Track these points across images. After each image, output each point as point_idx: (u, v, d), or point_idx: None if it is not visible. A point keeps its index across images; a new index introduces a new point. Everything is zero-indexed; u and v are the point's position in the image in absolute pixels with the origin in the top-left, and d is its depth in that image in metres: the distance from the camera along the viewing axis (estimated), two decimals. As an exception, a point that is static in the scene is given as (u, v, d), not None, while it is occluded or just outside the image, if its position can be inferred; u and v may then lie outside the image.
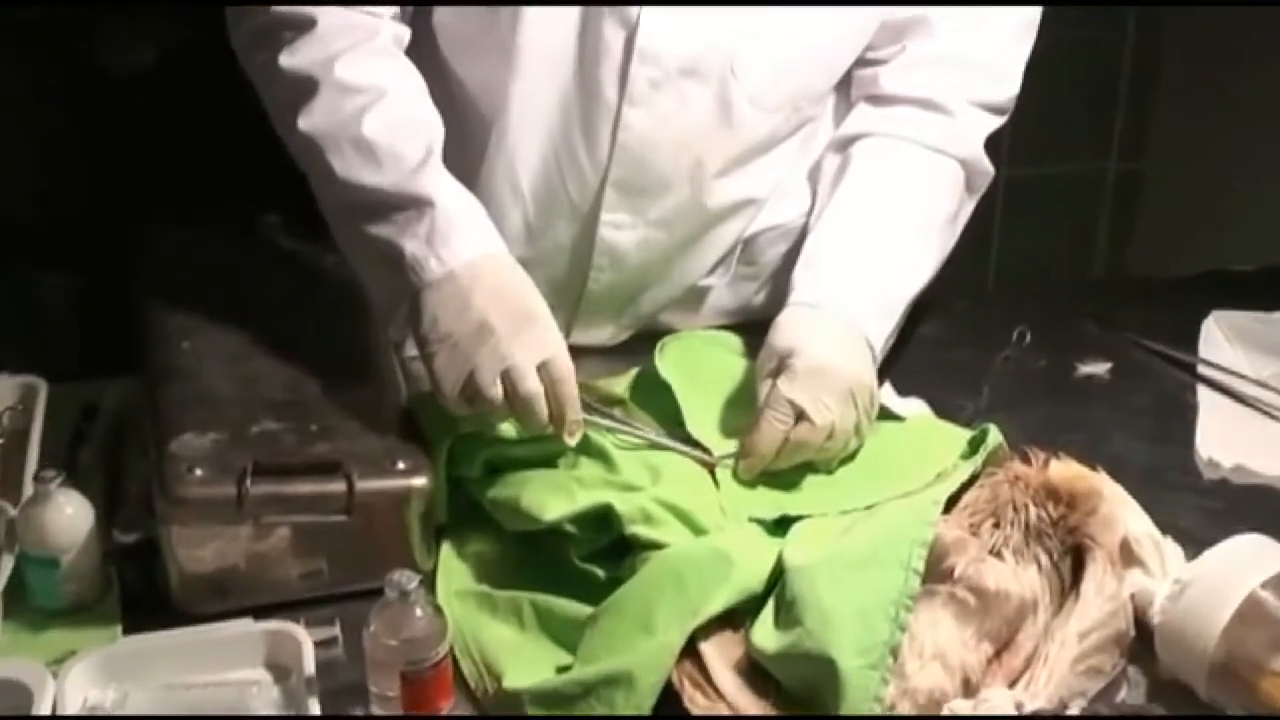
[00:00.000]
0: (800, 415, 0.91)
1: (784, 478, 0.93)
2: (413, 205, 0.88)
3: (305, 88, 0.90)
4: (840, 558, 0.82)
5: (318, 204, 0.94)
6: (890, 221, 1.01)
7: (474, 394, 0.87)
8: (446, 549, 0.92)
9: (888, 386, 1.05)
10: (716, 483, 0.93)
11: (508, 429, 0.91)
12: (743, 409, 0.95)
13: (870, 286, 0.98)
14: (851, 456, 0.95)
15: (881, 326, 0.99)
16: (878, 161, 1.02)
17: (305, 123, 0.90)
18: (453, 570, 0.90)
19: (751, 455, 0.92)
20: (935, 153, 1.01)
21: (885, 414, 0.99)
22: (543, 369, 0.87)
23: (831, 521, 0.89)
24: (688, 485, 0.91)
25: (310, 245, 0.99)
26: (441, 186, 0.90)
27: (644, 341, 1.07)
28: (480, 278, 0.87)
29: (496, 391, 0.86)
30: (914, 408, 1.03)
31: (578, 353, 0.93)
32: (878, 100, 1.02)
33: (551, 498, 0.88)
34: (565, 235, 1.02)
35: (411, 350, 0.93)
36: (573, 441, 0.90)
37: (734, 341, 1.05)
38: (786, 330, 0.95)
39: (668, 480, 0.91)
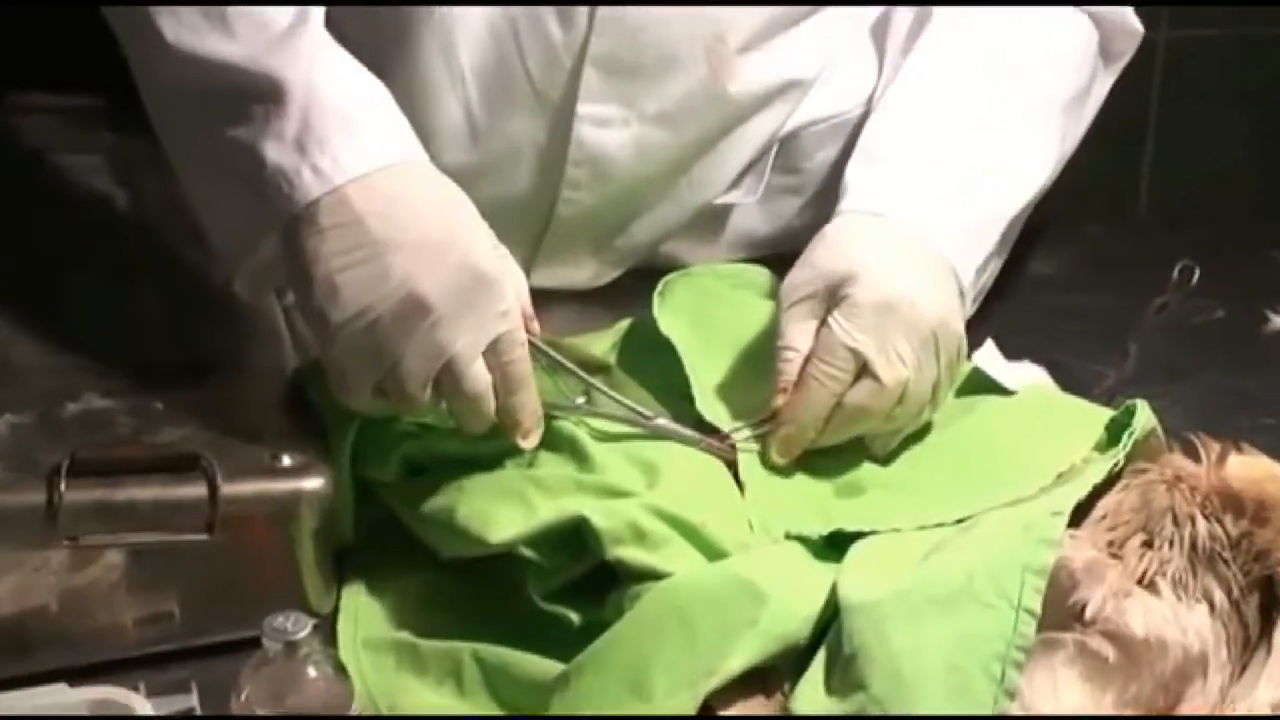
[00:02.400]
0: (863, 369, 0.91)
1: (838, 475, 0.94)
2: (277, 91, 0.87)
3: None
4: (921, 593, 0.81)
5: (141, 96, 0.93)
6: (986, 101, 1.00)
7: (394, 393, 0.86)
8: (353, 582, 0.92)
9: (989, 346, 1.04)
10: (740, 484, 0.93)
11: (439, 416, 0.91)
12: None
13: (957, 194, 0.98)
14: (939, 447, 0.95)
15: (972, 252, 0.98)
16: (970, 16, 1.01)
17: None
18: (362, 612, 0.91)
19: (789, 424, 0.92)
20: (1054, 3, 1.02)
21: (986, 384, 1.00)
22: (492, 348, 0.87)
23: (907, 540, 0.89)
24: (697, 488, 0.91)
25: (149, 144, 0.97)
26: (322, 64, 0.88)
27: (637, 282, 1.07)
28: (389, 205, 0.86)
29: (426, 394, 0.86)
30: (1027, 376, 1.03)
31: (543, 299, 0.93)
32: None
33: (501, 509, 0.88)
34: (525, 135, 1.02)
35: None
36: (529, 444, 0.90)
37: (764, 280, 1.06)
38: (840, 247, 0.94)
39: (669, 481, 0.90)
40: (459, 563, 0.90)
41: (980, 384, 0.99)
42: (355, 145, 0.86)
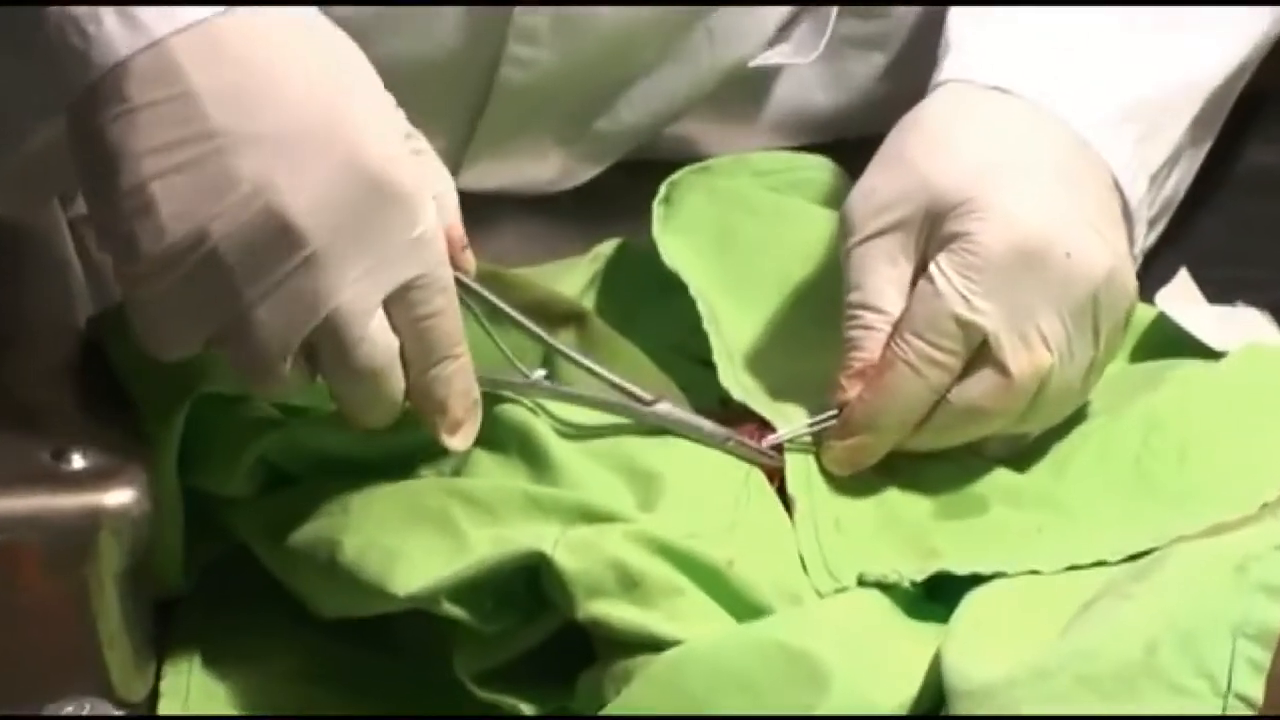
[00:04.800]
0: (981, 349, 0.91)
1: (940, 488, 0.94)
2: None
3: None
4: (1073, 671, 0.80)
5: None
6: None
7: (242, 362, 0.87)
8: (183, 653, 0.93)
9: (1182, 279, 1.04)
10: (787, 502, 0.92)
11: (317, 394, 0.90)
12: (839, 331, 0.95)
13: (1122, 58, 0.99)
14: (1099, 444, 0.96)
15: (1148, 151, 0.99)
16: None
17: None
18: (196, 697, 0.91)
19: (863, 427, 0.93)
20: None
21: (1174, 342, 1.00)
22: (401, 297, 0.86)
23: (1049, 588, 0.89)
24: (720, 509, 0.90)
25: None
26: None
27: (627, 184, 1.09)
28: (239, 72, 0.86)
29: (287, 366, 0.87)
30: (1239, 326, 1.03)
31: (482, 213, 0.95)
32: None
33: (413, 543, 0.88)
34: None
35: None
36: (460, 444, 0.90)
37: (826, 179, 1.07)
38: (947, 146, 0.94)
39: (676, 498, 0.90)
40: (347, 625, 0.90)
41: (1165, 340, 1.00)
42: None
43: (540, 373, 0.93)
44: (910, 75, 1.05)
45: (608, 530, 0.86)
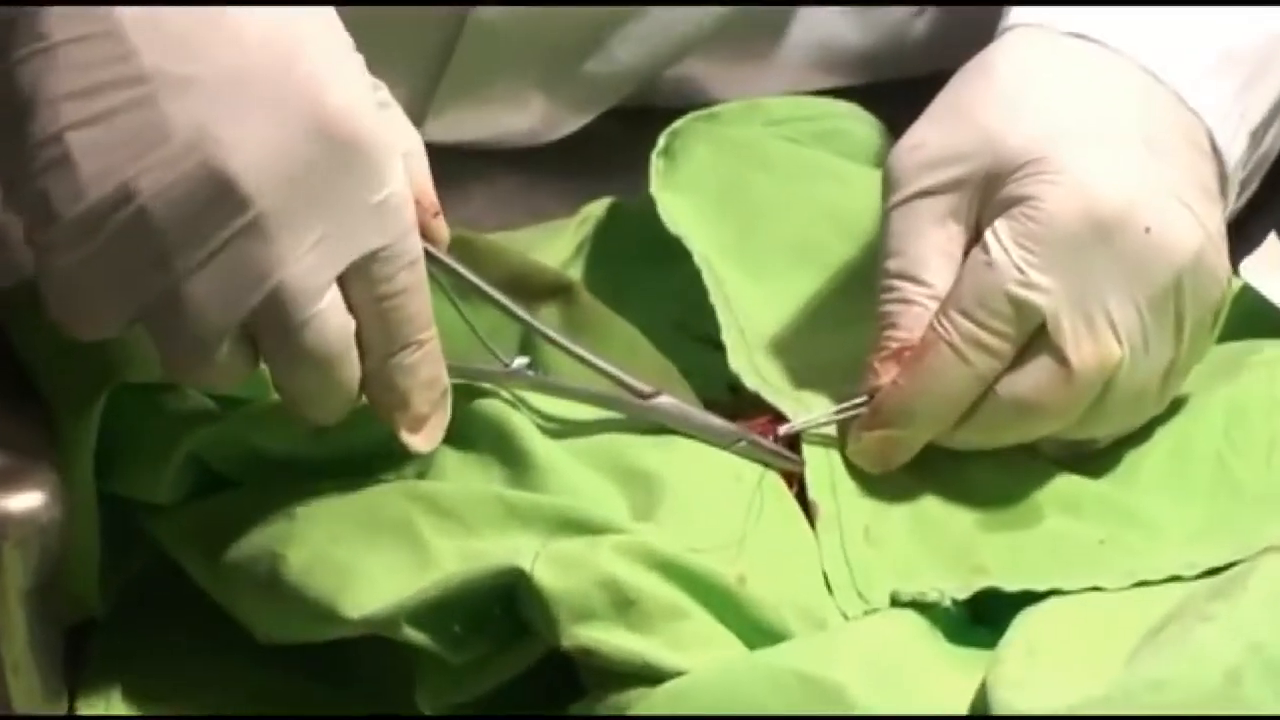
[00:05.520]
0: (1037, 335, 0.91)
1: (987, 492, 0.94)
2: None
3: None
4: (1143, 702, 0.79)
5: None
6: None
7: (170, 347, 0.86)
8: (100, 685, 0.93)
9: (1271, 245, 1.09)
10: (808, 509, 0.92)
11: (259, 384, 0.91)
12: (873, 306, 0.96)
13: (1210, 7, 0.98)
14: (1174, 439, 0.96)
15: (1249, 101, 0.99)
16: None
17: None
18: None
19: (896, 418, 0.93)
20: None
21: (1263, 319, 1.01)
22: (360, 271, 0.86)
23: (1113, 607, 0.88)
24: (729, 517, 0.91)
25: None
26: None
27: (622, 134, 1.09)
28: (178, 7, 0.85)
29: (224, 351, 0.86)
30: None
31: (452, 169, 0.95)
32: None
33: (370, 559, 0.88)
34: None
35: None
36: (425, 445, 0.90)
37: (859, 131, 1.08)
38: (1009, 97, 0.94)
39: (677, 504, 0.90)
40: (293, 653, 0.90)
41: (1250, 317, 0.99)
42: None
43: (520, 359, 0.92)
44: (955, 14, 1.08)
45: (597, 543, 0.85)
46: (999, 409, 0.91)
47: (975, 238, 0.91)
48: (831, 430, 0.93)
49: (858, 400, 0.92)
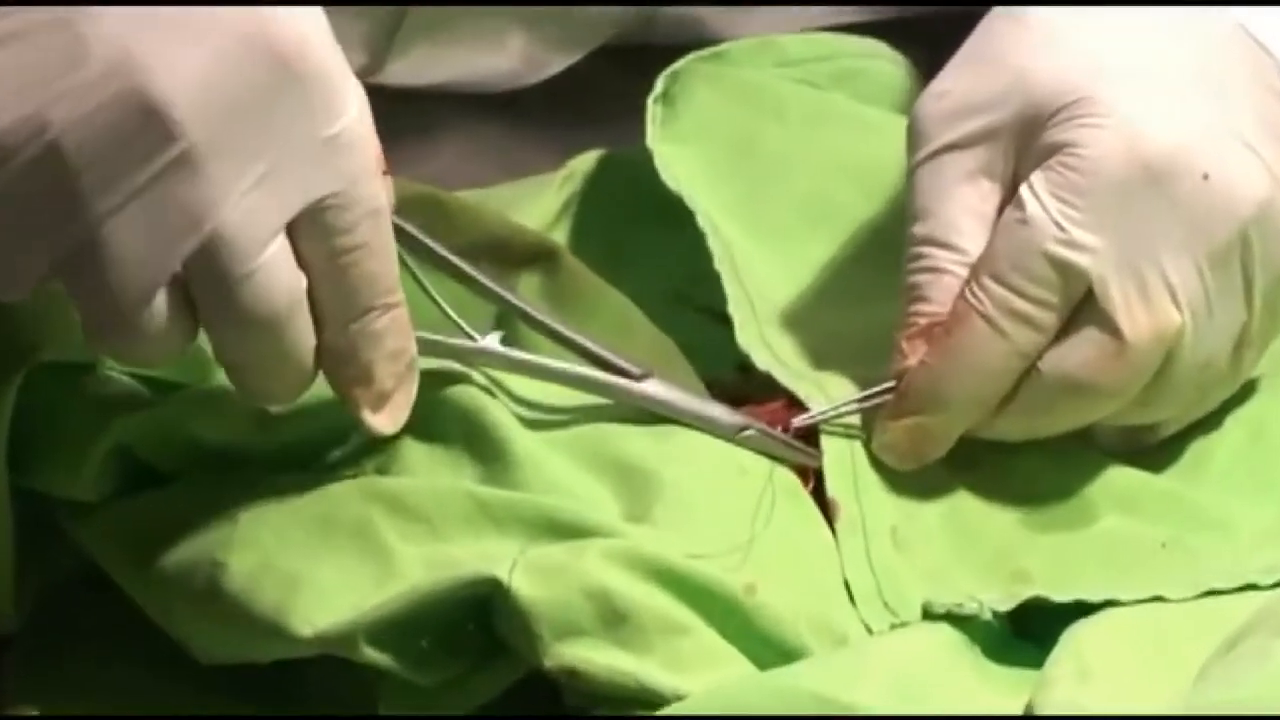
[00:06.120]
0: (1084, 302, 0.90)
1: (1031, 489, 0.94)
2: None
3: None
4: None
5: None
6: None
7: (91, 309, 0.85)
8: (15, 708, 0.94)
9: None
10: (826, 510, 0.92)
11: (196, 364, 0.91)
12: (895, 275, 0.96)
13: None
14: (1246, 427, 0.97)
15: None
16: None
17: None
18: None
19: (926, 403, 0.93)
20: None
21: None
22: (312, 218, 0.85)
23: (1177, 620, 0.88)
24: (736, 518, 0.90)
25: None
26: None
27: (613, 77, 1.11)
28: None
29: (161, 314, 0.84)
30: None
31: (411, 110, 1.03)
32: None
33: (322, 568, 0.88)
34: None
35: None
36: (387, 426, 0.90)
37: (878, 68, 1.10)
38: (1051, 37, 0.94)
39: (675, 503, 0.89)
40: (236, 674, 0.90)
41: None
42: None
43: (493, 335, 0.91)
44: None
45: (584, 548, 0.84)
46: (1043, 390, 0.91)
47: (1011, 196, 0.91)
48: (854, 418, 0.93)
49: (884, 385, 0.92)
